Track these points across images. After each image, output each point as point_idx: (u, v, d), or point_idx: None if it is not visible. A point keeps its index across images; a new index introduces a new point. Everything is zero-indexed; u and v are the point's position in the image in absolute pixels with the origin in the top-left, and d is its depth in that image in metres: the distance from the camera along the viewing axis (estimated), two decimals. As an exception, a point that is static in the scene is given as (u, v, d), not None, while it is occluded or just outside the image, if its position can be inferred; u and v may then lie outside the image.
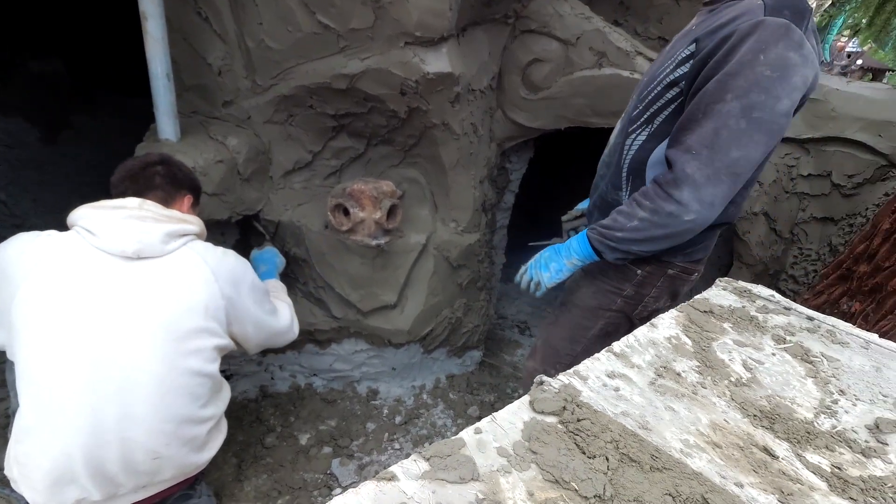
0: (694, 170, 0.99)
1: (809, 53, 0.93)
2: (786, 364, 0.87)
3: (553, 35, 1.84)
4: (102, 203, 1.18)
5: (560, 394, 0.65)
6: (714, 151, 0.97)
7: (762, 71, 0.92)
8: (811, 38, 0.95)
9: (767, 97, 0.93)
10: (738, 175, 0.99)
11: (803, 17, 0.94)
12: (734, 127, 0.95)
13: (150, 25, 1.53)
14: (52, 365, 1.04)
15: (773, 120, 0.94)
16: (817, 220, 2.18)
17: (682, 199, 1.01)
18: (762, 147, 0.97)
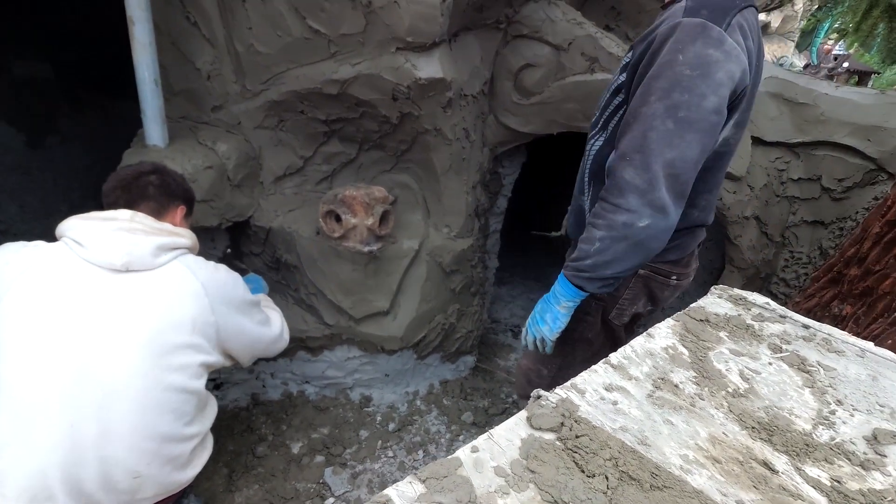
0: (632, 176, 0.98)
1: (732, 48, 0.94)
2: (782, 374, 0.86)
3: (545, 40, 1.83)
4: (92, 214, 1.15)
5: (558, 409, 0.64)
6: (646, 155, 0.97)
7: (682, 70, 0.93)
8: (737, 34, 0.95)
9: (691, 96, 0.93)
10: (676, 176, 0.97)
11: (725, 14, 0.95)
12: (661, 128, 0.95)
13: (137, 30, 1.51)
14: (31, 378, 1.01)
15: (701, 118, 0.94)
16: (808, 223, 2.19)
17: (630, 207, 0.99)
18: (696, 145, 0.96)
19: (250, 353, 1.37)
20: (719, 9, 0.95)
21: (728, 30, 0.94)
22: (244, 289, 1.33)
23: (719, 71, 0.93)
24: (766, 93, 2.19)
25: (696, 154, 0.97)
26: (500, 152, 2.16)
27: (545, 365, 1.50)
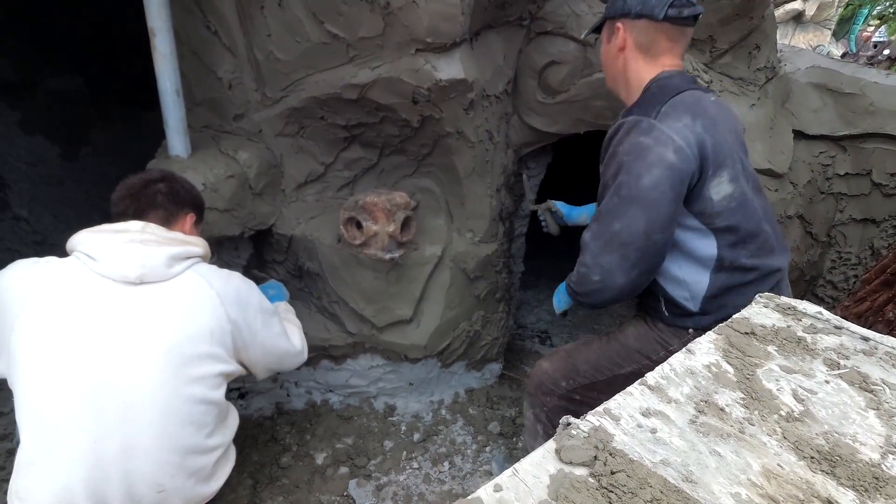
0: (590, 239, 1.21)
1: (660, 134, 1.12)
2: (842, 393, 0.78)
3: (570, 36, 1.76)
4: (103, 227, 1.15)
5: (590, 439, 0.58)
6: (601, 225, 1.18)
7: (622, 157, 1.15)
8: (669, 118, 1.13)
9: (629, 176, 1.13)
10: (625, 245, 1.15)
11: (654, 106, 1.16)
12: (610, 204, 1.16)
13: (158, 41, 1.51)
14: (52, 396, 1.00)
15: (639, 194, 1.12)
16: (857, 221, 2.05)
17: (585, 262, 1.21)
18: (639, 219, 1.12)
19: (264, 364, 1.35)
20: (648, 103, 1.18)
21: (658, 117, 1.13)
22: (259, 296, 1.30)
23: (650, 154, 1.11)
24: (809, 83, 2.06)
25: (642, 226, 1.13)
26: (524, 153, 2.10)
27: (567, 378, 1.45)
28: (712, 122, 1.16)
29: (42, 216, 2.98)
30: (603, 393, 1.25)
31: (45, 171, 3.02)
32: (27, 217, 2.91)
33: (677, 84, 1.19)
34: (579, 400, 1.47)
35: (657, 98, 1.17)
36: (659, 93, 1.18)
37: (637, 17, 1.21)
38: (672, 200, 1.13)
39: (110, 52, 3.14)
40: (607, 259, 1.17)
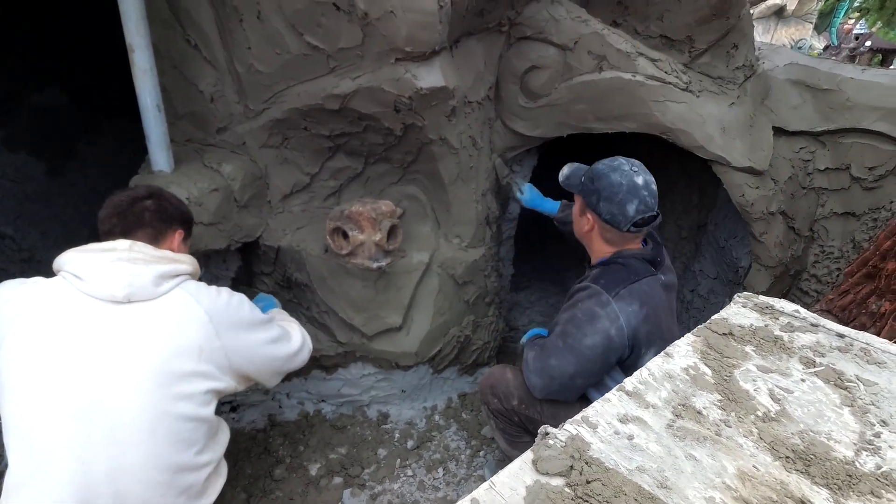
0: (531, 359, 1.47)
1: (612, 312, 1.35)
2: (818, 391, 0.79)
3: (550, 41, 1.78)
4: (90, 246, 1.14)
5: (567, 449, 0.59)
6: (543, 353, 1.44)
7: (577, 314, 1.39)
8: (623, 301, 1.36)
9: (577, 332, 1.37)
10: (552, 378, 1.40)
11: (616, 285, 1.38)
12: (556, 343, 1.41)
13: (137, 57, 1.51)
14: (39, 418, 1.00)
15: (578, 348, 1.36)
16: (838, 215, 2.08)
17: (527, 369, 1.48)
18: (571, 364, 1.37)
19: (270, 371, 1.34)
20: (612, 281, 1.39)
21: (615, 297, 1.36)
22: (250, 308, 1.30)
23: (598, 323, 1.35)
24: (787, 80, 2.09)
25: (571, 369, 1.38)
26: (509, 157, 2.11)
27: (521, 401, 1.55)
28: (654, 310, 1.41)
29: (28, 233, 2.95)
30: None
31: (31, 187, 3.00)
32: (13, 235, 2.88)
33: (637, 269, 1.42)
34: (517, 422, 1.59)
35: (620, 277, 1.40)
36: (622, 272, 1.41)
37: (604, 221, 1.43)
38: (601, 362, 1.38)
39: (95, 64, 3.12)
40: (535, 379, 1.44)
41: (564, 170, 1.59)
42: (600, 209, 1.41)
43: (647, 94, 1.75)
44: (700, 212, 2.57)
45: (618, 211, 1.39)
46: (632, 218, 1.38)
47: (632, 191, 1.38)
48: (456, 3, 1.47)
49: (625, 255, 1.46)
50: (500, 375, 1.62)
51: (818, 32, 12.27)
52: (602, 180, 1.41)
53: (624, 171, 1.40)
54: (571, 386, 1.42)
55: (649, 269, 1.46)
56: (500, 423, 1.63)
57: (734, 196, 1.88)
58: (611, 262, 1.47)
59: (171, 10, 1.67)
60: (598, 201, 1.41)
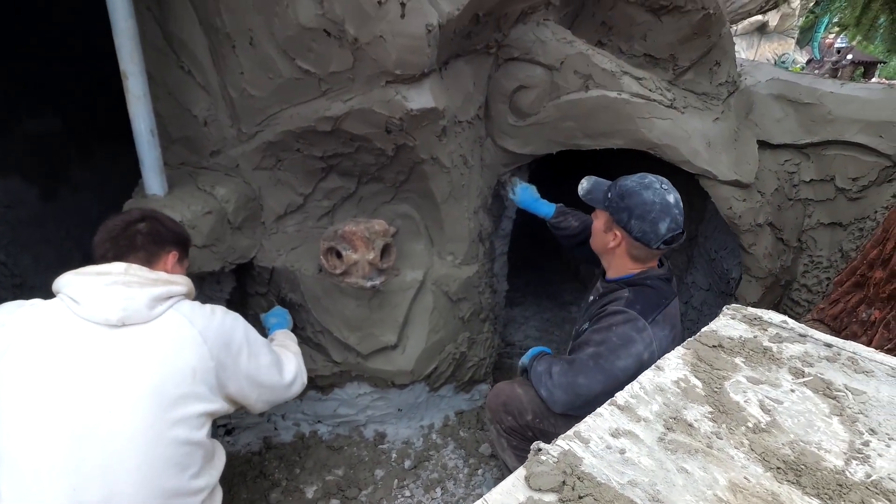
0: (557, 373, 1.46)
1: (647, 337, 1.38)
2: (807, 401, 0.80)
3: (536, 61, 1.82)
4: (87, 269, 1.14)
5: (559, 464, 0.59)
6: (571, 370, 1.43)
7: (612, 338, 1.40)
8: (658, 326, 1.40)
9: (610, 354, 1.38)
10: (578, 395, 1.41)
11: (652, 310, 1.41)
12: (585, 363, 1.41)
13: (131, 84, 1.53)
14: (31, 444, 0.99)
15: (610, 370, 1.37)
16: (825, 225, 2.12)
17: (548, 387, 1.46)
18: (600, 384, 1.37)
19: (256, 395, 1.33)
20: (649, 306, 1.42)
21: (652, 323, 1.39)
22: (245, 329, 1.30)
23: (633, 347, 1.37)
24: (769, 95, 2.14)
25: (599, 388, 1.37)
26: (501, 174, 2.14)
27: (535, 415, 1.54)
28: (678, 331, 1.47)
29: (21, 258, 2.94)
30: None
31: (24, 212, 2.99)
32: (5, 260, 2.87)
33: (665, 292, 1.47)
34: (531, 437, 1.55)
35: (654, 302, 1.43)
36: (655, 297, 1.45)
37: (634, 239, 1.44)
38: (627, 383, 1.38)
39: (88, 89, 3.15)
40: (559, 394, 1.44)
41: (584, 183, 1.59)
42: (632, 227, 1.42)
43: (633, 111, 1.79)
44: (690, 224, 2.60)
45: (650, 229, 1.40)
46: (663, 236, 1.40)
47: (664, 209, 1.40)
48: (444, 26, 1.50)
49: (652, 277, 1.48)
50: (510, 392, 1.59)
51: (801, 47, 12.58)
52: (634, 198, 1.42)
53: (655, 189, 1.42)
54: (594, 404, 1.42)
55: (672, 289, 1.51)
56: (513, 441, 1.60)
57: (722, 209, 1.91)
58: (640, 283, 1.48)
59: (165, 38, 1.70)
60: (630, 219, 1.42)
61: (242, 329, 1.29)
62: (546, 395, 1.46)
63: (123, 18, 1.44)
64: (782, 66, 10.82)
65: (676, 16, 1.87)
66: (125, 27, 1.45)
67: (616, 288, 1.52)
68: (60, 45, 2.90)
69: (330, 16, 1.46)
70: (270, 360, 1.36)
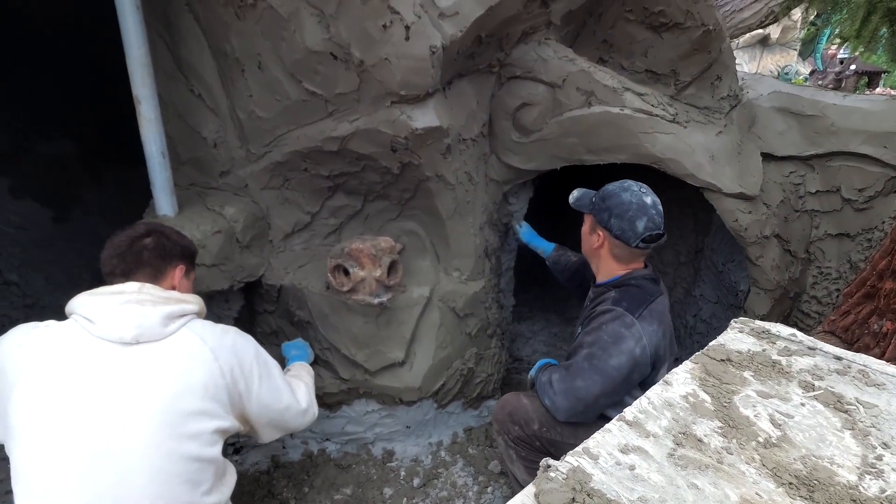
0: (557, 381, 1.51)
1: (637, 332, 1.44)
2: (818, 415, 0.79)
3: (539, 79, 1.85)
4: (101, 290, 1.16)
5: (568, 481, 0.59)
6: (568, 375, 1.49)
7: (602, 336, 1.46)
8: (645, 321, 1.46)
9: (603, 353, 1.44)
10: (578, 399, 1.45)
11: (639, 306, 1.47)
12: (580, 365, 1.47)
13: (143, 108, 1.57)
14: (47, 463, 1.00)
15: (604, 369, 1.43)
16: (832, 236, 2.11)
17: (549, 395, 1.52)
18: (597, 385, 1.43)
19: (266, 419, 1.32)
20: (634, 302, 1.48)
21: (639, 318, 1.45)
22: (256, 350, 1.30)
23: (624, 344, 1.43)
24: (772, 108, 2.16)
25: (597, 390, 1.43)
26: (506, 190, 2.16)
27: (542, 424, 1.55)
28: (668, 328, 1.54)
29: (33, 279, 2.98)
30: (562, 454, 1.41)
31: (37, 234, 3.05)
32: (17, 281, 2.91)
33: (650, 290, 1.53)
34: (538, 447, 1.58)
35: (640, 299, 1.50)
36: (640, 294, 1.51)
37: (615, 237, 1.51)
38: (625, 382, 1.45)
39: (100, 113, 3.22)
40: (560, 401, 1.48)
41: (574, 193, 1.68)
42: (611, 225, 1.51)
43: (636, 126, 1.81)
44: (696, 236, 2.60)
45: (628, 227, 1.48)
46: (641, 234, 1.48)
47: (641, 209, 1.48)
48: (447, 48, 1.54)
49: (636, 277, 1.56)
50: (516, 402, 1.63)
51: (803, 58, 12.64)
52: (613, 199, 1.52)
53: (633, 190, 1.51)
54: (595, 406, 1.48)
55: (657, 288, 1.57)
56: (521, 452, 1.62)
57: (727, 221, 1.91)
58: (625, 283, 1.55)
59: (176, 63, 1.74)
60: (610, 218, 1.51)
61: (253, 350, 1.29)
62: (549, 404, 1.51)
63: (136, 46, 1.48)
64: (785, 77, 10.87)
65: (676, 32, 1.90)
66: (138, 54, 1.49)
67: (604, 291, 1.60)
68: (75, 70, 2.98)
69: (336, 39, 1.50)
70: (282, 384, 1.35)
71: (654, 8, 1.85)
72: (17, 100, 2.85)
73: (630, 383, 1.48)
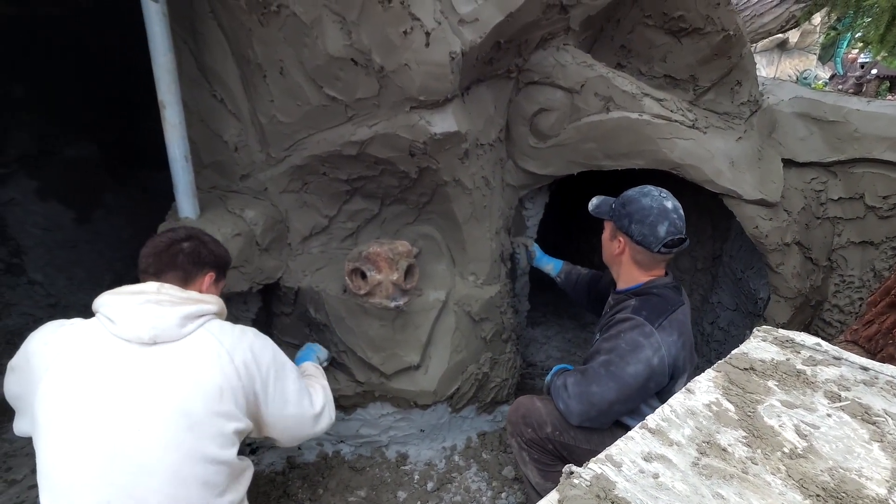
0: (571, 384, 1.51)
1: (655, 342, 1.43)
2: (845, 426, 0.78)
3: (557, 84, 1.85)
4: (123, 289, 1.19)
5: (592, 488, 0.59)
6: (584, 380, 1.49)
7: (620, 344, 1.45)
8: (665, 332, 1.44)
9: (620, 361, 1.43)
10: (592, 404, 1.45)
11: (658, 316, 1.46)
12: (597, 371, 1.46)
13: (168, 113, 1.60)
14: (68, 460, 1.02)
15: (621, 376, 1.42)
16: (855, 244, 2.07)
17: (563, 398, 1.52)
18: (612, 391, 1.43)
19: (282, 425, 1.32)
20: (655, 312, 1.47)
21: (658, 328, 1.44)
22: (274, 352, 1.31)
23: (642, 353, 1.42)
24: (793, 113, 2.13)
25: (613, 396, 1.43)
26: (522, 194, 2.16)
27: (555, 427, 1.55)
28: (688, 338, 1.52)
29: (56, 279, 3.05)
30: (575, 458, 1.56)
31: (60, 235, 3.12)
32: (41, 281, 2.98)
33: (672, 299, 1.51)
34: (552, 450, 1.58)
35: (660, 309, 1.48)
36: (661, 303, 1.49)
37: (636, 243, 1.50)
38: (642, 390, 1.45)
39: (121, 118, 3.30)
40: (575, 404, 1.48)
41: (594, 200, 1.67)
42: (632, 231, 1.49)
43: (655, 132, 1.80)
44: (714, 243, 2.57)
45: (649, 232, 1.47)
46: (662, 238, 1.46)
47: (662, 213, 1.46)
48: (467, 54, 1.55)
49: (658, 285, 1.53)
50: (529, 405, 1.63)
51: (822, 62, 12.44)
52: (633, 204, 1.50)
53: (654, 195, 1.50)
54: (609, 413, 1.48)
55: (679, 297, 1.55)
56: (533, 454, 1.62)
57: (747, 228, 1.89)
58: (646, 292, 1.53)
59: (199, 69, 1.78)
60: (630, 224, 1.50)
61: (271, 351, 1.30)
62: (563, 408, 1.51)
63: (162, 53, 1.52)
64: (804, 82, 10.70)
65: (696, 38, 1.89)
66: (164, 61, 1.52)
67: (624, 298, 1.58)
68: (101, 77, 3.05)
69: (357, 46, 1.52)
70: (299, 387, 1.35)
71: (674, 13, 1.85)
72: (44, 105, 2.93)
73: (646, 392, 1.47)
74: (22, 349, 1.16)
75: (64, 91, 2.98)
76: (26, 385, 1.11)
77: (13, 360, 1.18)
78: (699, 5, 1.81)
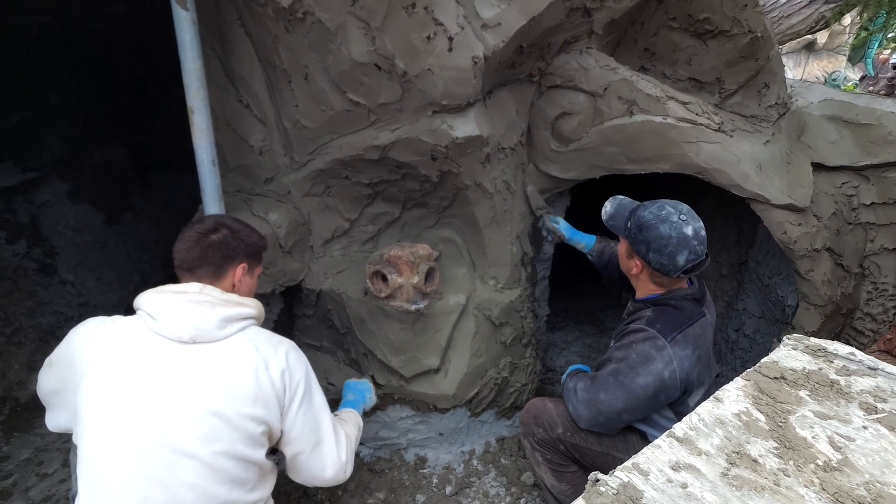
0: (581, 389, 1.52)
1: (667, 355, 1.40)
2: (881, 439, 0.76)
3: (579, 88, 1.84)
4: (165, 288, 1.21)
5: (619, 496, 0.58)
6: (593, 386, 1.49)
7: (631, 354, 1.43)
8: (678, 346, 1.41)
9: (630, 371, 1.42)
10: (600, 411, 1.46)
11: (673, 330, 1.42)
12: (605, 379, 1.46)
13: (196, 118, 1.64)
14: (106, 452, 1.06)
15: (630, 386, 1.41)
16: (889, 251, 2.01)
17: (572, 402, 1.53)
18: (620, 401, 1.43)
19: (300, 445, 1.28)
20: (669, 325, 1.43)
21: (672, 342, 1.41)
22: (306, 371, 1.30)
23: (652, 365, 1.40)
24: (823, 116, 2.07)
25: (620, 405, 1.43)
26: (543, 199, 2.15)
27: (566, 428, 1.56)
28: (705, 352, 1.48)
29: (86, 279, 3.14)
30: (587, 459, 1.58)
31: (90, 236, 3.21)
32: (73, 281, 3.07)
33: (690, 312, 1.47)
34: (563, 451, 1.58)
35: (676, 322, 1.44)
36: (678, 316, 1.45)
37: (654, 269, 1.46)
38: (651, 401, 1.43)
39: (149, 124, 3.39)
40: (583, 409, 1.50)
41: (607, 206, 1.61)
42: (650, 259, 1.44)
43: (679, 135, 1.77)
44: (740, 248, 2.52)
45: (668, 262, 1.41)
46: (682, 267, 1.41)
47: (681, 242, 1.39)
48: (489, 58, 1.55)
49: (677, 297, 1.49)
50: (541, 406, 1.65)
51: (853, 64, 12.07)
52: (650, 231, 1.42)
53: (672, 222, 1.40)
54: (618, 420, 1.47)
55: (699, 309, 1.50)
56: (546, 454, 1.62)
57: (776, 234, 1.85)
58: (664, 303, 1.50)
59: (227, 75, 1.82)
60: (648, 251, 1.43)
61: (304, 369, 1.29)
62: (572, 411, 1.53)
63: (192, 59, 1.55)
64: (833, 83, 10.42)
65: (722, 40, 1.86)
66: (193, 67, 1.56)
67: (641, 307, 1.55)
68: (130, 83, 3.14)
69: (381, 51, 1.53)
70: (322, 416, 1.32)
71: (700, 15, 1.82)
72: (75, 109, 3.02)
73: (657, 403, 1.46)
74: (63, 345, 1.19)
75: (95, 98, 3.07)
76: (67, 380, 1.14)
77: (52, 356, 1.22)
78: (726, 7, 1.78)
